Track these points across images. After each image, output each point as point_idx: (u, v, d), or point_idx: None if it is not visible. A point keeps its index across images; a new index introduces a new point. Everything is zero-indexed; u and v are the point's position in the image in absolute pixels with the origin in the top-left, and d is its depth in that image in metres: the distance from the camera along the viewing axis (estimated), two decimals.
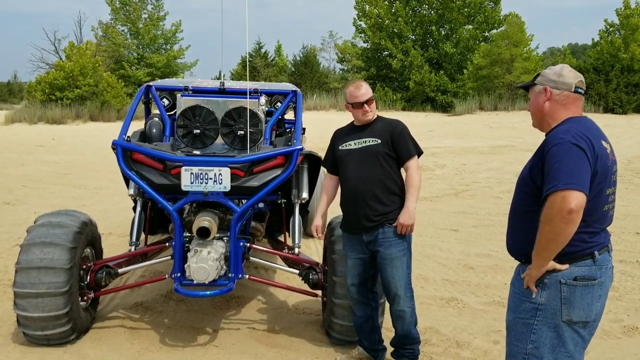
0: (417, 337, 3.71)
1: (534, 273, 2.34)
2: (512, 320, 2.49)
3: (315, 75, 36.86)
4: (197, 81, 5.16)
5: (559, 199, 2.17)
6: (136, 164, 4.00)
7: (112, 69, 33.50)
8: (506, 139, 19.84)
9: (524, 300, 2.41)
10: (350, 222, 3.65)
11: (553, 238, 2.22)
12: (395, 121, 3.74)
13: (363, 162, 3.59)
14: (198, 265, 3.78)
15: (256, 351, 4.00)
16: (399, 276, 3.51)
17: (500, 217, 8.25)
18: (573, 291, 2.33)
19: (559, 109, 2.46)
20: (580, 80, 2.48)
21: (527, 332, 2.40)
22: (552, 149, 2.27)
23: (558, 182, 2.19)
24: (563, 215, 2.16)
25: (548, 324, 2.36)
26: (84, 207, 8.62)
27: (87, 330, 4.19)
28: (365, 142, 3.62)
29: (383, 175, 3.56)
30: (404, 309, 3.56)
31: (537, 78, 2.55)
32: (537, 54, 33.35)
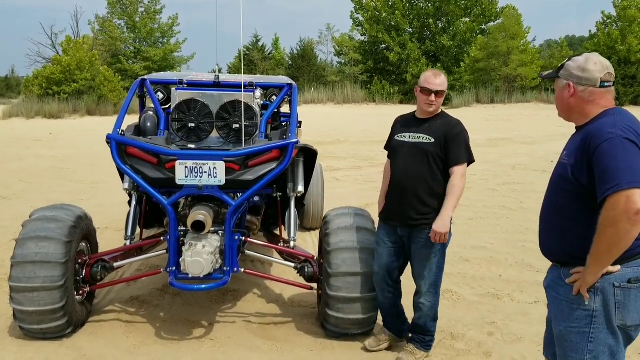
0: (432, 331, 3.79)
1: (589, 279, 2.20)
2: (563, 331, 2.33)
3: (312, 69, 36.79)
4: (192, 75, 5.16)
5: (624, 200, 2.04)
6: (131, 158, 4.00)
7: (109, 63, 33.40)
8: (502, 131, 19.87)
9: (575, 308, 2.27)
10: (389, 213, 3.71)
11: (616, 242, 2.09)
12: (455, 122, 3.64)
13: (412, 158, 3.58)
14: (193, 259, 3.79)
15: (251, 344, 4.02)
16: (426, 275, 3.62)
17: (496, 210, 8.28)
18: (628, 294, 2.22)
19: (586, 105, 2.34)
20: (608, 72, 2.31)
21: (584, 342, 2.26)
22: (603, 145, 2.13)
23: (620, 182, 2.05)
24: (630, 217, 2.04)
25: (605, 331, 2.24)
26: (81, 202, 8.60)
27: (83, 324, 4.21)
28: (420, 138, 3.59)
29: (429, 175, 3.54)
30: (424, 303, 3.68)
31: (561, 70, 2.41)
32: (534, 47, 33.34)
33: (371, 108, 30.22)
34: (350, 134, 19.25)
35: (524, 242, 6.55)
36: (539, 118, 24.78)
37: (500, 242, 6.58)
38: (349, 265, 3.84)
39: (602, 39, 30.54)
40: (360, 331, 4.01)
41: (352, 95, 31.53)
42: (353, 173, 11.76)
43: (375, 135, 19.07)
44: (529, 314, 4.50)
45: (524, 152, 14.72)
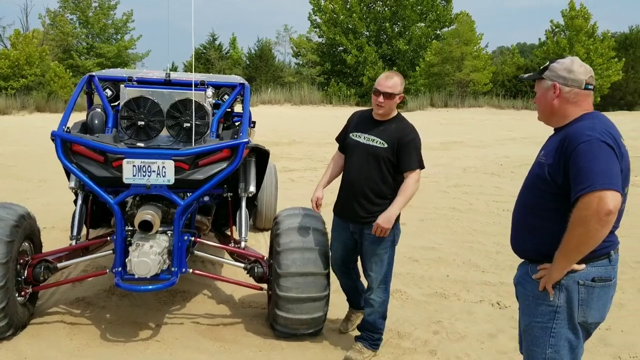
0: (380, 329, 3.86)
1: (555, 275, 2.26)
2: (527, 325, 2.40)
3: (270, 69, 36.67)
4: (142, 72, 5.07)
5: (596, 200, 2.08)
6: (76, 156, 3.91)
7: (60, 58, 32.44)
8: (455, 135, 20.28)
9: (540, 303, 2.34)
10: (341, 209, 3.86)
11: (585, 240, 2.14)
12: (409, 128, 3.68)
13: (364, 160, 3.67)
14: (139, 259, 3.73)
15: (199, 345, 3.99)
16: (376, 270, 3.73)
17: (446, 211, 8.45)
18: (591, 292, 2.27)
19: (569, 107, 2.37)
20: (591, 75, 2.37)
21: (546, 337, 2.32)
22: (580, 147, 2.16)
23: (594, 183, 2.09)
24: (600, 217, 2.08)
25: (566, 326, 2.30)
26: (27, 200, 8.34)
27: (24, 326, 4.08)
28: (373, 141, 3.66)
29: (379, 178, 3.64)
30: (374, 299, 3.78)
31: (545, 71, 2.43)
32: (486, 53, 34.14)
33: (328, 110, 30.34)
34: (306, 135, 19.28)
35: (471, 243, 6.71)
36: (490, 122, 25.40)
37: (449, 243, 6.72)
38: (299, 266, 3.85)
39: (550, 47, 31.55)
40: (308, 331, 4.03)
41: (309, 97, 31.62)
42: (308, 174, 11.79)
43: (331, 136, 19.02)
44: (474, 313, 4.62)
45: (475, 156, 15.05)
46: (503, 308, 4.71)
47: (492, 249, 6.46)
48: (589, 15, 31.39)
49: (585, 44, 30.35)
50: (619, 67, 30.49)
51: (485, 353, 3.91)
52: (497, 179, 11.44)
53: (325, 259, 3.93)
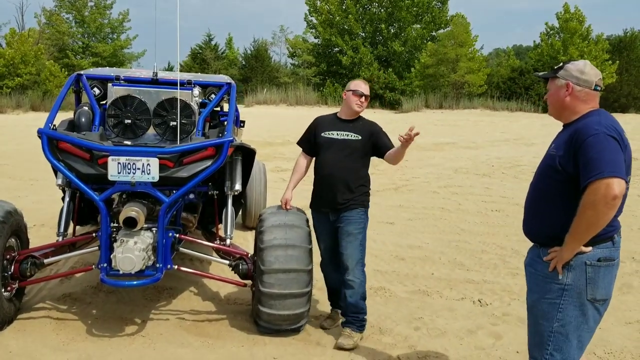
0: (364, 309, 4.08)
1: (565, 255, 2.48)
2: (536, 301, 2.63)
3: (265, 70, 36.80)
4: (130, 71, 5.13)
5: (604, 186, 2.30)
6: (63, 153, 3.96)
7: (56, 57, 32.51)
8: (449, 136, 20.39)
9: (549, 282, 2.56)
10: (320, 203, 4.16)
11: (594, 222, 2.37)
12: (373, 123, 4.23)
13: (341, 152, 4.07)
14: (124, 255, 3.79)
15: (183, 340, 4.05)
16: (352, 250, 4.01)
17: (434, 211, 8.52)
18: (597, 271, 2.50)
19: (579, 104, 2.60)
20: (600, 78, 2.63)
21: (554, 312, 2.54)
22: (589, 140, 2.39)
23: (602, 171, 2.32)
24: (607, 201, 2.30)
25: (574, 303, 2.52)
26: (18, 198, 8.40)
27: (11, 321, 4.13)
28: (348, 136, 4.10)
29: (356, 167, 4.08)
30: (354, 280, 4.00)
31: (559, 71, 2.66)
32: (481, 55, 34.30)
33: (323, 110, 30.42)
34: (300, 136, 19.33)
35: (457, 242, 6.79)
36: (484, 124, 25.55)
37: (436, 242, 6.79)
38: (282, 262, 3.92)
39: (545, 49, 31.74)
40: (291, 327, 4.09)
41: (304, 97, 31.73)
42: None
43: None
44: (455, 309, 4.69)
45: (467, 157, 15.15)
46: (484, 305, 4.78)
47: (477, 248, 6.54)
48: (584, 18, 31.60)
49: (579, 46, 30.54)
50: (612, 69, 30.69)
51: (464, 348, 3.98)
52: (487, 179, 11.53)
53: (307, 256, 3.99)
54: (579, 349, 2.59)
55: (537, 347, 2.64)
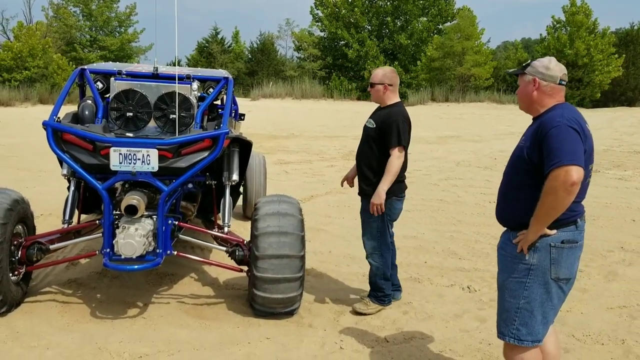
0: (383, 288, 4.43)
1: (530, 237, 2.67)
2: (505, 280, 2.83)
3: (272, 63, 36.91)
4: (132, 65, 5.32)
5: (563, 173, 2.49)
6: (67, 144, 4.16)
7: (63, 50, 32.78)
8: (453, 129, 20.50)
9: (517, 262, 2.76)
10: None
11: (554, 206, 2.56)
12: (394, 112, 4.25)
13: (363, 140, 4.37)
14: (125, 241, 3.99)
15: (182, 322, 4.25)
16: (367, 237, 4.38)
17: (432, 203, 8.68)
18: (560, 253, 2.69)
19: (546, 98, 2.77)
20: (564, 73, 2.82)
21: (520, 290, 2.75)
22: (551, 131, 2.58)
23: (562, 159, 2.50)
24: (566, 187, 2.49)
25: (539, 281, 2.71)
26: (26, 189, 8.61)
27: (18, 304, 4.35)
28: (369, 123, 4.34)
29: (369, 154, 4.29)
30: (371, 262, 4.41)
31: (527, 68, 2.84)
32: (487, 48, 34.26)
33: (329, 104, 30.58)
34: (305, 129, 19.52)
35: (452, 233, 6.95)
36: (490, 117, 25.59)
37: (431, 233, 6.96)
38: (275, 249, 4.11)
39: (551, 43, 31.66)
40: (285, 310, 4.28)
41: (310, 91, 31.82)
42: (303, 167, 12.04)
43: (330, 130, 19.40)
44: (444, 295, 4.87)
45: (471, 150, 15.26)
46: (472, 292, 4.95)
47: (471, 238, 6.70)
48: (590, 11, 31.49)
49: (586, 40, 30.47)
50: (619, 63, 30.61)
51: (449, 331, 4.16)
52: (489, 172, 11.65)
53: (300, 243, 4.18)
54: (544, 325, 2.79)
55: (505, 323, 2.84)
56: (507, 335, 2.83)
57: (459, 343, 3.96)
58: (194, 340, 3.96)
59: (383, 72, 4.35)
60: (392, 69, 4.44)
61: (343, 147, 15.07)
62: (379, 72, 4.36)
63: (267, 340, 3.97)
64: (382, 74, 4.32)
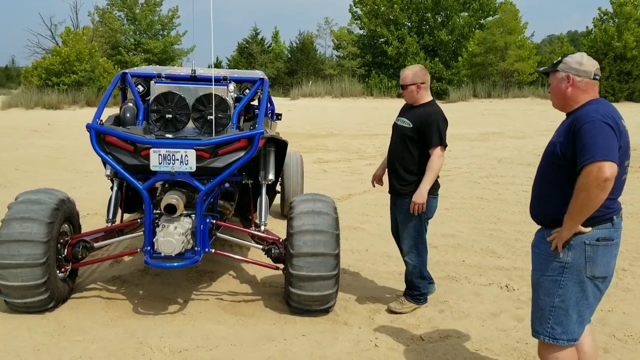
0: (418, 287, 4.45)
1: (564, 234, 2.64)
2: (539, 278, 2.80)
3: (311, 62, 37.06)
4: (171, 69, 5.46)
5: (596, 169, 2.46)
6: (109, 146, 4.31)
7: (109, 54, 33.72)
8: (496, 126, 20.14)
9: (551, 260, 2.73)
10: (389, 184, 4.46)
11: (587, 203, 2.52)
12: (432, 111, 4.26)
13: (396, 138, 4.37)
14: (165, 239, 4.11)
15: (220, 318, 4.35)
16: (404, 235, 4.37)
17: (472, 201, 8.58)
18: (596, 250, 2.65)
19: (580, 94, 2.74)
20: (597, 67, 2.79)
21: (555, 288, 2.72)
22: (585, 126, 2.55)
23: (595, 155, 2.47)
24: (599, 183, 2.46)
25: (574, 280, 2.68)
26: (73, 189, 8.95)
27: (65, 300, 4.53)
28: (403, 122, 4.33)
29: (405, 154, 4.28)
30: (407, 261, 4.43)
31: (559, 65, 2.81)
32: (531, 42, 33.51)
33: (368, 102, 30.49)
34: (344, 127, 19.54)
35: (492, 231, 6.86)
36: (534, 113, 25.03)
37: (470, 231, 6.89)
38: (310, 247, 4.16)
39: (598, 35, 30.72)
40: (320, 308, 4.33)
41: (349, 89, 31.78)
42: (341, 165, 12.07)
43: (369, 128, 19.36)
44: (481, 294, 4.82)
45: (513, 147, 14.99)
46: (511, 290, 4.89)
47: (511, 237, 6.60)
48: (639, 2, 30.38)
49: (635, 31, 29.42)
50: None
51: (485, 330, 4.13)
52: (531, 169, 11.41)
53: (334, 241, 4.22)
54: (579, 324, 2.75)
55: (539, 321, 2.82)
56: (542, 334, 2.80)
57: (495, 342, 3.93)
58: (231, 336, 4.04)
59: (413, 72, 4.28)
60: (421, 67, 4.38)
61: (382, 145, 15.02)
62: (408, 72, 4.29)
63: (303, 337, 4.02)
64: (412, 74, 4.26)
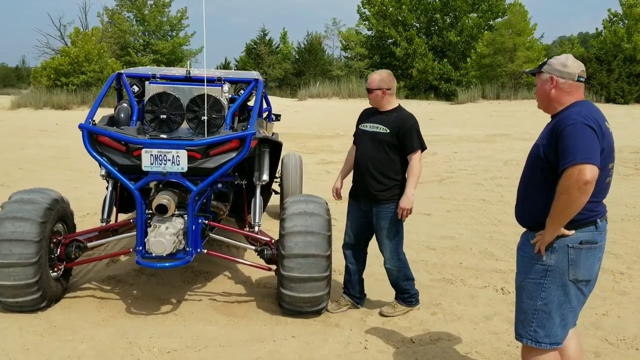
0: (408, 290, 4.43)
1: (547, 237, 2.63)
2: (522, 281, 2.78)
3: (319, 63, 37.05)
4: (166, 69, 5.46)
5: (576, 172, 2.44)
6: (102, 146, 4.32)
7: (118, 55, 33.90)
8: (503, 127, 20.02)
9: (534, 263, 2.71)
10: (355, 190, 4.39)
11: (568, 206, 2.50)
12: (407, 116, 4.28)
13: (370, 144, 4.26)
14: (156, 239, 4.10)
15: (211, 319, 4.34)
16: (386, 242, 4.28)
17: (474, 203, 8.53)
18: (579, 254, 2.63)
19: (564, 96, 2.72)
20: (582, 69, 2.75)
21: (538, 291, 2.70)
22: (567, 129, 2.53)
23: (575, 157, 2.46)
24: (579, 186, 2.44)
25: (556, 283, 2.66)
26: (75, 189, 9.02)
27: (58, 299, 4.53)
28: (377, 128, 4.25)
29: (383, 159, 4.21)
30: (390, 267, 4.36)
31: (543, 66, 2.80)
32: (540, 43, 33.31)
33: None
34: (350, 128, 19.23)
35: (492, 233, 6.81)
36: (542, 115, 23.88)
37: (470, 233, 6.84)
38: (301, 248, 4.14)
39: (608, 37, 30.47)
40: (312, 309, 4.31)
41: (357, 90, 31.67)
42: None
43: None
44: (476, 297, 4.78)
45: (520, 148, 14.89)
46: (506, 293, 4.85)
47: (511, 239, 6.54)
48: None
49: None
50: None
51: (477, 333, 4.09)
52: None
53: (326, 243, 4.19)
54: (563, 327, 2.72)
55: (522, 324, 2.79)
56: (525, 337, 2.78)
57: (486, 345, 3.89)
58: (222, 336, 4.04)
59: (380, 77, 4.26)
60: (389, 73, 4.35)
61: None
62: (375, 77, 4.27)
63: (293, 339, 4.00)
64: (379, 79, 4.24)
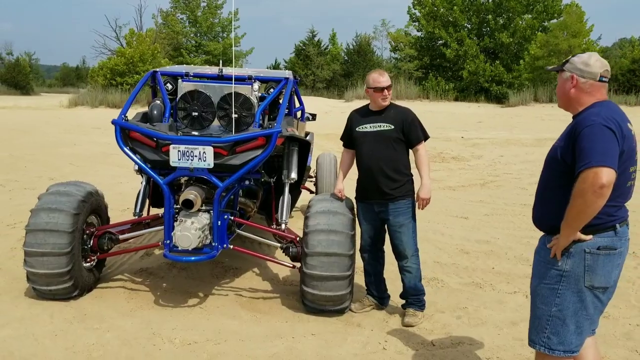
0: (422, 290, 4.39)
1: (562, 242, 2.56)
2: (537, 286, 2.71)
3: (367, 64, 36.91)
4: (199, 68, 5.56)
5: (592, 175, 2.37)
6: (133, 142, 4.44)
7: (171, 56, 34.75)
8: (554, 131, 19.26)
9: (550, 268, 2.64)
10: (364, 194, 4.35)
11: (584, 210, 2.42)
12: (406, 110, 4.35)
13: (377, 144, 4.22)
14: (182, 233, 4.19)
15: (235, 314, 4.40)
16: (406, 240, 4.23)
17: (515, 207, 8.32)
18: (596, 259, 2.55)
19: (584, 96, 2.64)
20: (606, 69, 2.65)
21: (552, 297, 2.62)
22: (584, 130, 2.45)
23: (591, 160, 2.38)
24: (595, 190, 2.36)
25: (572, 289, 2.58)
26: (119, 184, 9.30)
27: (91, 289, 4.69)
28: (380, 127, 4.25)
29: (393, 156, 4.21)
30: (411, 266, 4.29)
31: (565, 64, 2.72)
32: (596, 45, 32.18)
33: (423, 104, 30.03)
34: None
35: (529, 239, 6.61)
36: None
37: (506, 238, 6.68)
38: (324, 246, 4.14)
39: None
40: (334, 308, 4.30)
41: (404, 92, 31.44)
42: None
43: None
44: (504, 302, 4.66)
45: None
46: None
47: None
48: None
49: None
50: None
51: (501, 338, 3.98)
52: None
53: (349, 242, 4.18)
54: (577, 335, 2.62)
55: (536, 330, 2.71)
56: (538, 344, 2.70)
57: (508, 351, 3.79)
58: (242, 331, 4.08)
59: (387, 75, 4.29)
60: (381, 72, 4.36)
61: (431, 149, 14.80)
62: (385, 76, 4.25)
63: (312, 336, 4.01)
64: (388, 77, 4.27)
